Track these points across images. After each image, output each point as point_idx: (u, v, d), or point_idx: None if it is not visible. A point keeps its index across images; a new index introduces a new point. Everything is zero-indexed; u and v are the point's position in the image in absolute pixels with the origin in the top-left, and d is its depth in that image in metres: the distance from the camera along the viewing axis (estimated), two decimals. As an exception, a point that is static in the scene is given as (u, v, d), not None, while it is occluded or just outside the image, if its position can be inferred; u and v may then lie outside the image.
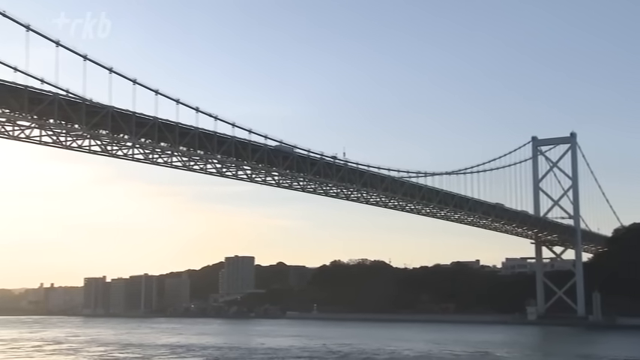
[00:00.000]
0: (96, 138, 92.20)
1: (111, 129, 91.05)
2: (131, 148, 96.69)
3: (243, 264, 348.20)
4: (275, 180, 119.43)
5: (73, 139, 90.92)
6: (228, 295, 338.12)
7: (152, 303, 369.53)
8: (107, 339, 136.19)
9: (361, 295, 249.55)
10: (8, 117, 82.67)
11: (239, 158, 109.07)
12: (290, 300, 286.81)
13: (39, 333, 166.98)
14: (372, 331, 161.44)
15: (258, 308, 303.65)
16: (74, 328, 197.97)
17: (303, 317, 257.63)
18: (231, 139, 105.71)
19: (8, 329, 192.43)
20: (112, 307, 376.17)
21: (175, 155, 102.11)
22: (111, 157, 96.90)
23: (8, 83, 79.93)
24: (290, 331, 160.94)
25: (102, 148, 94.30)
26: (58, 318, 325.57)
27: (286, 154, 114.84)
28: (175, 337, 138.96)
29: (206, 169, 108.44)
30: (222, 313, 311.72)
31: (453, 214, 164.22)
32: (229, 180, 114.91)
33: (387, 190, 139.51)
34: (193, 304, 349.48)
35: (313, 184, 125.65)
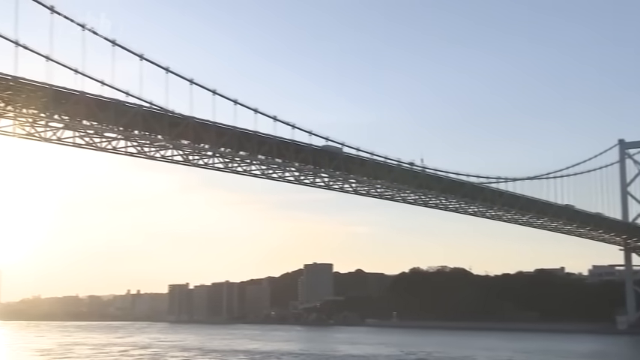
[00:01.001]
0: (178, 148, 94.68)
1: (192, 139, 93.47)
2: (211, 157, 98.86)
3: (322, 271, 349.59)
4: (352, 187, 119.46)
5: (157, 150, 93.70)
6: (308, 302, 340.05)
7: (233, 310, 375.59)
8: (190, 344, 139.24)
9: (441, 303, 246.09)
10: (96, 129, 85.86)
11: (316, 166, 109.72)
12: (369, 307, 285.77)
13: (126, 338, 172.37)
14: (454, 339, 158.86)
15: (337, 315, 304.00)
16: (159, 334, 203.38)
17: (383, 325, 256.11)
18: (307, 147, 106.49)
19: (97, 334, 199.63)
20: (195, 314, 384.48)
21: (254, 164, 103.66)
22: (192, 166, 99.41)
23: (96, 97, 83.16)
24: (371, 339, 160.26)
25: (184, 157, 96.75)
26: (143, 324, 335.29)
27: (363, 159, 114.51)
28: (255, 344, 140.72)
29: (284, 178, 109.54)
30: (301, 320, 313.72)
31: (536, 220, 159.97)
32: (308, 187, 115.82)
33: (466, 196, 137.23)
34: (273, 311, 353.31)
35: (391, 190, 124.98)
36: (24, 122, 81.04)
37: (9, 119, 79.72)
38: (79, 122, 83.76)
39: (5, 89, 75.81)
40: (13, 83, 75.64)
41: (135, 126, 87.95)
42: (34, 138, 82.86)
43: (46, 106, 79.39)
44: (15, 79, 75.55)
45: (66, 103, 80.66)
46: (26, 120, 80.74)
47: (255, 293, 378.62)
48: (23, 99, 77.93)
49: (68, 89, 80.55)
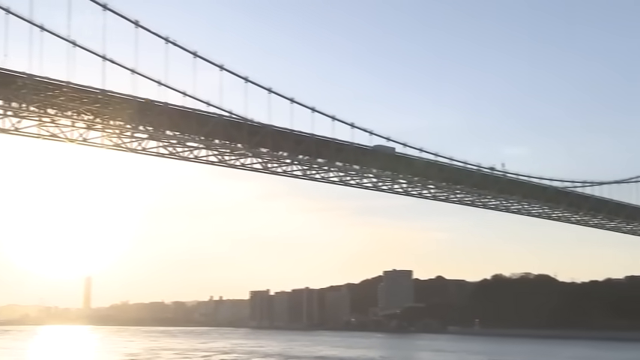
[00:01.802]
0: (257, 156, 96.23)
1: (271, 147, 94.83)
2: (290, 164, 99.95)
3: (402, 278, 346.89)
4: (431, 193, 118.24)
5: (237, 158, 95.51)
6: (388, 309, 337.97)
7: (313, 316, 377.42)
8: (269, 350, 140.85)
9: (525, 310, 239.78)
10: (179, 139, 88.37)
11: (394, 172, 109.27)
12: (450, 314, 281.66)
13: (209, 344, 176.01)
14: (541, 347, 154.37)
15: (417, 322, 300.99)
16: (240, 339, 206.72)
17: (465, 332, 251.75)
18: (388, 155, 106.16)
19: (182, 340, 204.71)
20: (276, 320, 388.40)
21: (332, 171, 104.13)
22: (271, 174, 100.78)
23: (178, 107, 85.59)
24: (455, 347, 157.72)
25: (263, 165, 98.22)
26: (226, 329, 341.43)
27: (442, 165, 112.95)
28: (335, 350, 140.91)
29: (361, 184, 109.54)
30: (382, 327, 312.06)
31: (625, 226, 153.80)
32: (387, 193, 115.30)
33: (550, 200, 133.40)
34: (353, 318, 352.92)
35: (471, 196, 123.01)
36: (111, 133, 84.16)
37: (97, 131, 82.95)
38: (163, 132, 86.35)
39: (94, 102, 79.02)
40: (101, 96, 78.77)
41: (215, 135, 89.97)
42: (121, 149, 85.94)
43: (131, 117, 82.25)
44: (103, 92, 78.66)
45: (150, 114, 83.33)
46: (113, 131, 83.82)
47: (335, 300, 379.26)
48: (110, 111, 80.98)
49: (152, 101, 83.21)
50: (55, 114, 78.29)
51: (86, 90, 77.77)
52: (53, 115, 78.26)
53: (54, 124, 79.22)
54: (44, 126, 78.74)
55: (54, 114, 78.24)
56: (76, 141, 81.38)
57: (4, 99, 73.32)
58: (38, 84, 73.73)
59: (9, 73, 72.01)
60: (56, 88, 75.65)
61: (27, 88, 73.06)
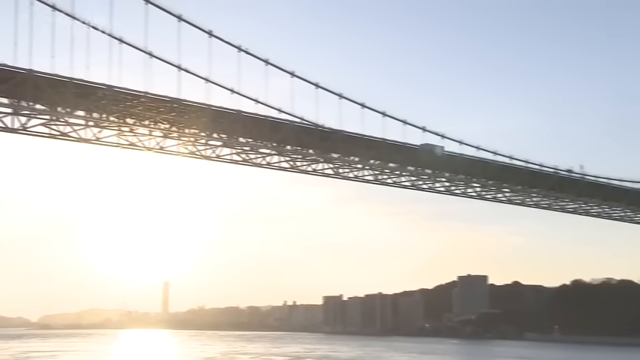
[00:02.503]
0: (329, 161, 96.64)
1: (342, 152, 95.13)
2: (361, 169, 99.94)
3: (477, 283, 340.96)
4: (506, 197, 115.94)
5: (308, 164, 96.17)
6: (462, 314, 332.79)
7: (387, 321, 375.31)
8: (341, 355, 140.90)
9: (606, 317, 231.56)
10: (251, 145, 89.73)
11: (468, 175, 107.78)
12: (527, 321, 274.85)
13: (282, 348, 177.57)
14: (626, 356, 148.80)
15: (493, 329, 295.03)
16: (312, 344, 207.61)
17: (544, 339, 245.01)
18: (458, 157, 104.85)
19: (257, 344, 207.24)
20: (349, 325, 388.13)
21: (404, 175, 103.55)
22: (343, 179, 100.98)
23: (251, 115, 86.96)
24: (535, 354, 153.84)
25: (334, 171, 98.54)
26: (299, 334, 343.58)
27: (517, 168, 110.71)
28: (406, 356, 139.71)
29: (434, 188, 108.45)
30: (456, 333, 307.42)
31: None
32: (460, 197, 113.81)
33: (632, 204, 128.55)
34: (427, 324, 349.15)
35: (548, 199, 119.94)
36: (187, 141, 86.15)
37: (173, 139, 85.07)
38: (236, 140, 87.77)
39: (170, 111, 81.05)
40: (176, 105, 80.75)
41: (287, 141, 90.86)
42: (196, 156, 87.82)
43: (206, 125, 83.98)
44: (178, 101, 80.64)
45: (224, 122, 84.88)
46: (188, 139, 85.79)
47: (408, 305, 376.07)
48: (186, 120, 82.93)
49: (226, 109, 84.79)
50: (133, 123, 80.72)
51: (162, 99, 79.91)
52: (132, 124, 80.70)
53: (132, 133, 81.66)
54: (123, 135, 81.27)
55: (132, 123, 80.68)
56: (153, 149, 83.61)
57: (85, 110, 76.02)
58: (117, 95, 76.24)
59: (90, 84, 74.69)
60: (134, 99, 78.01)
61: (107, 98, 75.64)
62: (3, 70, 68.84)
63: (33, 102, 72.14)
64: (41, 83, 70.76)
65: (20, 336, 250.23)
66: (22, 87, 69.75)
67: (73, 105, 74.33)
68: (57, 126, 75.84)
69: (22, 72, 69.66)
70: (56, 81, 72.15)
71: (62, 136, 76.78)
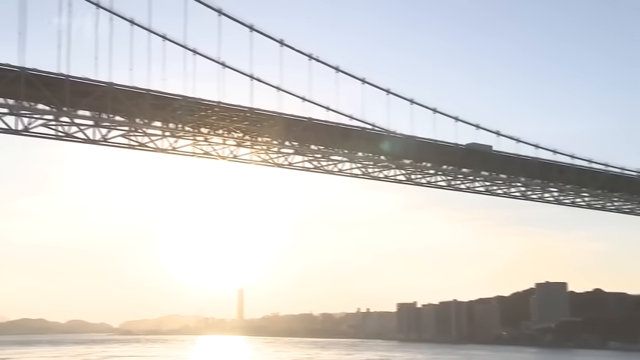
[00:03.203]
0: (400, 167, 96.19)
1: (414, 158, 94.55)
2: (434, 175, 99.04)
3: (556, 290, 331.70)
4: (585, 201, 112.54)
5: (380, 170, 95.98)
6: (541, 322, 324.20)
7: (462, 329, 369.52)
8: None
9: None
10: (323, 153, 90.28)
11: (544, 180, 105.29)
12: (610, 329, 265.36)
13: (355, 355, 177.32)
14: None
15: (574, 337, 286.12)
16: (387, 352, 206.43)
17: (629, 349, 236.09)
18: (533, 160, 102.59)
19: (330, 351, 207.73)
20: (424, 332, 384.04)
21: (477, 180, 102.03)
22: (415, 185, 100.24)
23: (322, 122, 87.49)
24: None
25: (406, 177, 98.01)
26: (373, 342, 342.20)
27: (596, 171, 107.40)
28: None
29: (509, 193, 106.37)
30: (535, 342, 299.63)
31: None
32: (536, 202, 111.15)
33: None
34: (504, 332, 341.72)
35: (630, 204, 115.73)
36: (259, 150, 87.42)
37: (246, 148, 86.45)
38: (308, 147, 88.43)
39: (243, 120, 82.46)
40: (249, 114, 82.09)
41: (359, 148, 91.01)
42: (268, 164, 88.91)
43: (278, 133, 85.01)
44: (251, 110, 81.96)
45: (296, 129, 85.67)
46: (261, 147, 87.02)
47: (484, 312, 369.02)
48: (258, 128, 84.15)
49: (297, 117, 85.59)
50: (207, 133, 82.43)
51: (235, 109, 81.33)
52: (206, 134, 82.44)
53: (207, 142, 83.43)
54: (198, 144, 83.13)
55: (207, 133, 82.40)
56: (227, 158, 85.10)
57: (162, 120, 78.16)
58: (192, 105, 78.07)
59: (166, 96, 76.80)
60: (208, 108, 79.71)
61: (182, 109, 77.54)
62: (85, 84, 71.53)
63: (113, 114, 74.62)
64: (120, 96, 73.17)
65: (103, 341, 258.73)
66: (103, 100, 72.33)
67: (151, 116, 76.54)
68: (135, 137, 78.24)
69: (103, 85, 72.25)
70: (134, 93, 74.48)
71: (140, 147, 79.14)
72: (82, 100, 71.43)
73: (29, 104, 69.71)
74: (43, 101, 70.18)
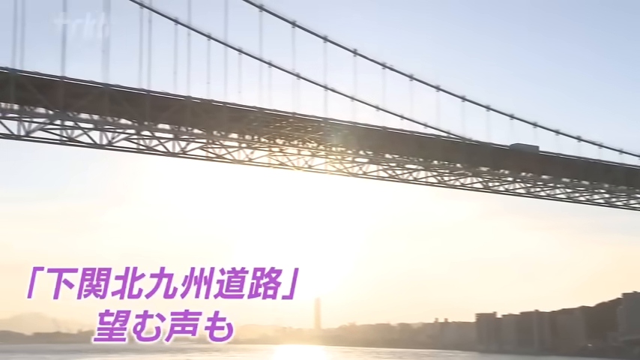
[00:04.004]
0: (477, 175, 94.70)
1: (491, 165, 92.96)
2: (512, 182, 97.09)
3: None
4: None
5: (456, 178, 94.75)
6: (630, 334, 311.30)
7: (545, 340, 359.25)
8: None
9: None
10: (398, 162, 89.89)
11: (630, 186, 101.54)
12: None
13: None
14: None
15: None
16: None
17: None
18: (618, 166, 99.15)
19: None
20: (504, 343, 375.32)
21: (558, 187, 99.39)
22: (492, 193, 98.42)
23: (397, 131, 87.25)
24: None
25: (483, 185, 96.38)
26: (452, 352, 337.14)
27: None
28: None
29: (592, 200, 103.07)
30: (623, 354, 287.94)
31: None
32: (622, 209, 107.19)
33: None
34: (590, 343, 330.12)
35: None
36: (334, 159, 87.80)
37: (321, 157, 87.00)
38: (382, 156, 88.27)
39: (317, 130, 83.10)
40: (323, 124, 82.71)
41: (434, 156, 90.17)
42: (343, 173, 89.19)
43: (352, 143, 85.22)
44: (325, 120, 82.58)
45: (370, 139, 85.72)
46: (335, 157, 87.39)
47: (568, 323, 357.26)
48: (333, 138, 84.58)
49: (372, 126, 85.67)
50: (282, 144, 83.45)
51: (310, 119, 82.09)
52: (281, 144, 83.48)
53: (282, 153, 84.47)
54: (273, 155, 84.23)
55: (282, 144, 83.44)
56: (302, 168, 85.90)
57: (238, 132, 79.63)
58: (267, 116, 79.24)
59: (242, 108, 78.27)
60: (283, 119, 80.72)
61: (258, 121, 78.80)
62: (164, 99, 73.70)
63: (191, 127, 76.58)
64: (198, 109, 75.04)
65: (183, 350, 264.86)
66: (182, 113, 74.33)
67: (227, 128, 78.09)
68: (213, 149, 80.00)
69: (181, 99, 74.25)
70: (212, 106, 76.25)
71: (218, 158, 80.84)
72: (161, 114, 73.63)
73: (113, 119, 72.31)
74: (126, 116, 72.68)
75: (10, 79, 64.80)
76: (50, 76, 67.83)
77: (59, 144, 72.14)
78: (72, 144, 72.23)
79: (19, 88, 65.50)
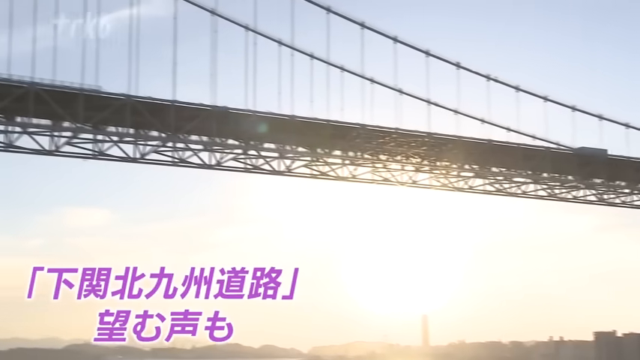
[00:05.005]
0: (590, 187, 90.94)
1: (605, 177, 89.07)
2: (629, 194, 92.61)
3: None
4: None
5: (568, 191, 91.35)
6: None
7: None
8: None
9: None
10: (505, 175, 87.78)
11: None
12: None
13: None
14: None
15: None
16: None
17: None
18: None
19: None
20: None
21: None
22: (608, 205, 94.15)
23: (503, 143, 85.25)
24: None
25: (598, 197, 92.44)
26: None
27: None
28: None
29: None
30: None
31: None
32: None
33: None
34: None
35: None
36: (438, 174, 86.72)
37: (425, 173, 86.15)
38: (489, 170, 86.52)
39: (421, 145, 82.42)
40: (427, 139, 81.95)
41: (543, 168, 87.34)
42: (448, 188, 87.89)
43: (457, 157, 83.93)
44: (429, 135, 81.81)
45: (475, 152, 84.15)
46: (440, 172, 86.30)
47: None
48: (437, 153, 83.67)
49: (476, 139, 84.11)
50: (386, 159, 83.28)
51: (413, 134, 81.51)
52: (384, 160, 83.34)
53: (385, 169, 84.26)
54: (377, 171, 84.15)
55: (385, 159, 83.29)
56: (406, 184, 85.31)
57: (341, 149, 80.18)
58: (370, 133, 79.42)
59: (345, 125, 78.78)
60: (386, 135, 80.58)
61: (361, 137, 79.08)
62: (270, 118, 75.33)
63: (295, 145, 77.81)
64: (302, 127, 76.17)
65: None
66: (286, 132, 75.67)
67: (331, 145, 78.82)
68: (317, 166, 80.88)
69: (285, 118, 75.65)
70: (315, 124, 77.17)
71: (322, 176, 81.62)
72: (267, 133, 75.25)
73: (220, 140, 74.59)
74: (232, 136, 74.79)
75: (127, 105, 68.20)
76: (162, 101, 70.86)
77: (171, 165, 75.14)
78: (183, 165, 75.07)
79: (134, 113, 68.83)
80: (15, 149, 67.70)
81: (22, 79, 64.51)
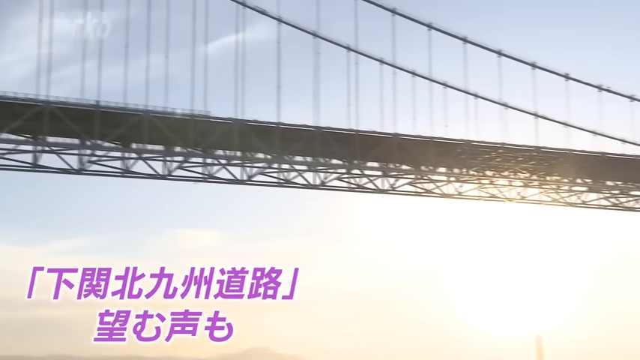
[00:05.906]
0: None
1: None
2: None
3: None
4: None
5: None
6: None
7: None
8: None
9: None
10: (621, 188, 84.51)
11: None
12: None
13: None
14: None
15: None
16: None
17: None
18: None
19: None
20: None
21: None
22: None
23: (617, 155, 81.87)
24: None
25: None
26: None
27: None
28: None
29: None
30: None
31: None
32: None
33: None
34: None
35: None
36: (548, 189, 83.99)
37: (534, 188, 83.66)
38: (603, 183, 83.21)
39: (529, 160, 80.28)
40: (536, 153, 79.70)
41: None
42: (559, 203, 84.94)
43: (568, 171, 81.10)
44: (537, 149, 79.57)
45: (587, 166, 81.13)
46: (550, 187, 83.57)
47: None
48: (546, 167, 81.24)
49: (588, 152, 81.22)
50: (492, 175, 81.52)
51: (520, 149, 79.50)
52: (491, 176, 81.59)
53: (492, 185, 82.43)
54: (483, 188, 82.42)
55: (492, 175, 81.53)
56: (514, 200, 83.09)
57: (446, 166, 79.15)
58: (475, 148, 77.97)
59: (449, 141, 77.76)
60: (492, 151, 78.96)
61: (466, 153, 77.77)
62: (372, 137, 75.44)
63: (399, 163, 77.48)
64: (405, 145, 75.76)
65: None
66: (389, 150, 75.52)
67: (435, 163, 77.91)
68: (421, 184, 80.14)
69: (389, 137, 75.52)
70: (419, 142, 76.50)
71: (426, 193, 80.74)
72: (370, 152, 75.35)
73: (324, 160, 75.37)
74: (336, 156, 75.44)
75: (234, 128, 70.22)
76: (268, 123, 72.41)
77: (277, 186, 76.49)
78: (288, 185, 76.26)
79: (241, 136, 70.72)
80: (131, 174, 70.67)
81: (136, 108, 67.61)
